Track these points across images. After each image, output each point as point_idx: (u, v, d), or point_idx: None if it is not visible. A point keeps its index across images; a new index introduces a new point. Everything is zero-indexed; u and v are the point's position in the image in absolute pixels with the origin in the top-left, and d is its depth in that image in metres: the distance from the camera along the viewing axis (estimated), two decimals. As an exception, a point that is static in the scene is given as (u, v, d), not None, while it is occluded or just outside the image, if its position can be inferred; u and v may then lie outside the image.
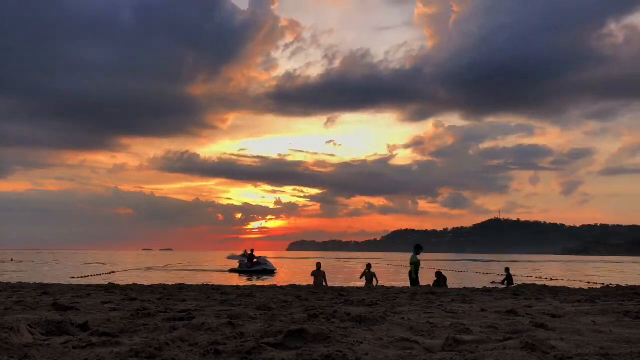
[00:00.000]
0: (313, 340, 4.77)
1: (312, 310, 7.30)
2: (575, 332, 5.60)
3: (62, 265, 46.92)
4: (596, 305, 9.18)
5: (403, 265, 47.27)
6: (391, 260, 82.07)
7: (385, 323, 6.11)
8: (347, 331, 5.45)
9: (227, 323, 5.81)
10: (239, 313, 7.02)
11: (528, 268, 44.16)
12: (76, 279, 22.42)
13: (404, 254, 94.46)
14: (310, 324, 5.76)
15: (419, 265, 17.24)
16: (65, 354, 4.21)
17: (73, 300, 9.51)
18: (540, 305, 9.22)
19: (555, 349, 4.48)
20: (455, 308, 8.31)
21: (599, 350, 4.45)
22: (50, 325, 5.19)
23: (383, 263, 60.80)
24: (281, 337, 4.83)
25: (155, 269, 37.18)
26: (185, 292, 12.47)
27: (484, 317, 7.02)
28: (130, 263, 55.49)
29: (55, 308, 7.85)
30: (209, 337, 5.02)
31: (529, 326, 6.01)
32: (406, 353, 4.47)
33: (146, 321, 6.08)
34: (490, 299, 10.52)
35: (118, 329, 5.49)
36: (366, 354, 4.37)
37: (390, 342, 4.94)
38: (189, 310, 7.47)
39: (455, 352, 4.45)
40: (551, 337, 5.10)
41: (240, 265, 38.23)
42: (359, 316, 6.35)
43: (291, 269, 40.82)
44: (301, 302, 9.40)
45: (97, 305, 8.66)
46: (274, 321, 6.23)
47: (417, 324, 6.05)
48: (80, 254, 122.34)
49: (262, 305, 8.33)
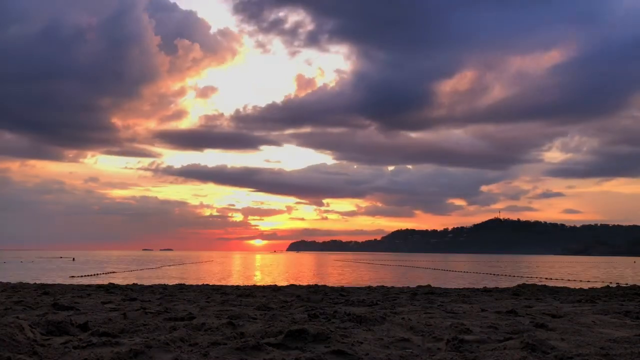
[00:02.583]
0: (313, 340, 4.78)
1: (312, 310, 7.31)
2: (575, 332, 5.61)
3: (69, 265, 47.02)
4: (596, 305, 9.18)
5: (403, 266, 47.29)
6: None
7: (386, 323, 6.12)
8: (348, 331, 5.46)
9: (227, 323, 5.82)
10: (239, 313, 7.03)
11: (528, 268, 44.23)
12: (76, 277, 22.55)
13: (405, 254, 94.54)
14: (311, 324, 5.77)
15: None
16: (65, 354, 4.22)
17: (73, 300, 9.52)
18: (540, 305, 9.23)
19: (555, 349, 4.49)
20: (455, 308, 8.32)
21: (599, 350, 4.46)
22: (50, 325, 5.20)
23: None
24: (281, 337, 4.84)
25: (154, 269, 37.32)
26: (185, 292, 12.47)
27: (484, 317, 7.03)
28: (131, 263, 55.62)
29: (56, 308, 7.86)
30: (209, 337, 5.03)
31: (529, 326, 6.02)
32: (406, 353, 4.48)
33: (146, 321, 6.09)
34: (491, 299, 10.52)
35: (118, 329, 5.50)
36: (366, 354, 4.38)
37: (391, 342, 4.95)
38: (189, 310, 7.48)
39: (456, 352, 4.46)
40: (551, 337, 5.11)
41: None
42: (359, 316, 6.36)
43: (291, 269, 40.98)
44: (301, 302, 9.41)
45: (97, 305, 8.67)
46: (274, 321, 6.24)
47: (417, 324, 6.06)
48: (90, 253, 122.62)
49: (262, 305, 8.34)
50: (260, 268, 42.39)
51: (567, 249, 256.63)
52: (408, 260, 76.77)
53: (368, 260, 71.48)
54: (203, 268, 39.77)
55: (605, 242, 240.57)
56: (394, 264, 53.40)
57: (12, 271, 30.91)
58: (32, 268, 36.22)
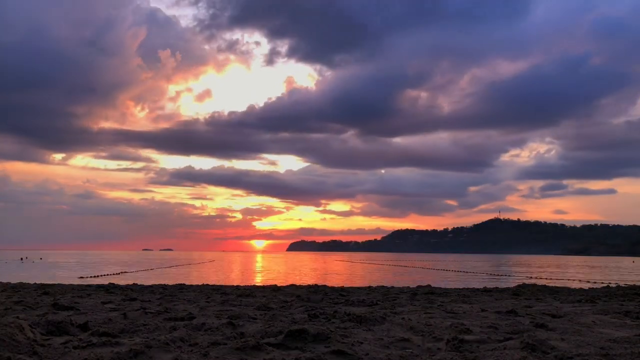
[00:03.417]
0: (313, 340, 4.78)
1: (313, 310, 7.31)
2: (575, 332, 5.61)
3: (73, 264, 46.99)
4: (596, 305, 9.18)
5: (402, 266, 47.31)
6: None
7: (386, 323, 6.12)
8: (348, 331, 5.46)
9: (227, 323, 5.82)
10: (239, 313, 7.03)
11: (528, 268, 44.22)
12: (84, 278, 22.56)
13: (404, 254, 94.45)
14: (311, 324, 5.77)
15: None
16: (65, 354, 4.21)
17: (73, 300, 9.51)
18: (540, 305, 9.23)
19: (556, 349, 4.49)
20: (455, 308, 8.31)
21: (599, 351, 4.46)
22: (50, 325, 5.20)
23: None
24: (281, 337, 4.84)
25: (154, 269, 37.30)
26: (185, 292, 12.47)
27: (484, 317, 7.03)
28: (132, 263, 55.60)
29: (56, 308, 7.86)
30: (209, 337, 5.03)
31: (529, 326, 6.02)
32: (406, 353, 4.48)
33: (146, 321, 6.09)
34: (491, 299, 10.52)
35: (118, 329, 5.50)
36: (366, 354, 4.38)
37: (391, 342, 4.95)
38: (189, 310, 7.48)
39: (456, 352, 4.46)
40: (551, 337, 5.11)
41: None
42: (359, 316, 6.36)
43: (291, 269, 40.96)
44: (301, 302, 9.41)
45: (97, 305, 8.67)
46: (274, 321, 6.24)
47: (417, 324, 6.05)
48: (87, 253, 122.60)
49: (262, 305, 8.34)
50: (261, 268, 42.38)
51: (567, 249, 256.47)
52: (408, 260, 76.72)
53: (368, 260, 71.43)
54: (203, 268, 39.76)
55: (605, 242, 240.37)
56: (394, 264, 53.37)
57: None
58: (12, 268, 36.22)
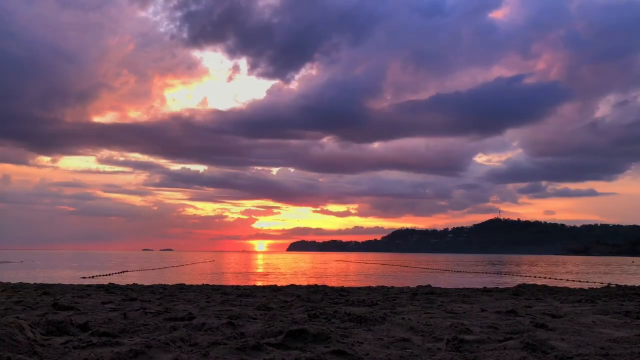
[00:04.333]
0: (313, 340, 4.78)
1: (313, 310, 7.30)
2: (575, 332, 5.61)
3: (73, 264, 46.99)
4: (596, 305, 9.18)
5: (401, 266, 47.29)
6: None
7: (386, 323, 6.12)
8: (348, 331, 5.46)
9: (227, 323, 5.82)
10: (239, 313, 7.03)
11: (528, 268, 44.23)
12: (87, 279, 22.57)
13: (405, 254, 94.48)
14: (311, 324, 5.77)
15: None
16: (65, 354, 4.21)
17: (73, 300, 9.51)
18: (540, 305, 9.23)
19: (556, 349, 4.49)
20: (455, 308, 8.31)
21: (599, 351, 4.46)
22: (50, 325, 5.20)
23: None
24: (281, 337, 4.84)
25: (154, 269, 37.30)
26: (185, 292, 12.47)
27: (484, 317, 7.03)
28: (133, 263, 55.63)
29: (56, 308, 7.86)
30: (209, 337, 5.03)
31: (529, 326, 6.02)
32: (406, 353, 4.48)
33: (146, 321, 6.09)
34: (491, 299, 10.52)
35: (118, 329, 5.50)
36: (366, 354, 4.38)
37: (391, 342, 4.95)
38: (189, 310, 7.48)
39: (456, 352, 4.46)
40: (551, 337, 5.11)
41: None
42: (359, 316, 6.36)
43: (291, 269, 40.94)
44: (301, 302, 9.40)
45: (97, 305, 8.66)
46: (274, 321, 6.23)
47: (417, 324, 6.06)
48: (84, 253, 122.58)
49: (262, 305, 8.33)
50: (261, 268, 42.38)
51: (567, 248, 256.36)
52: (408, 260, 76.71)
53: (368, 260, 71.44)
54: (203, 268, 39.76)
55: (605, 242, 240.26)
56: (394, 264, 53.35)
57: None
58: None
